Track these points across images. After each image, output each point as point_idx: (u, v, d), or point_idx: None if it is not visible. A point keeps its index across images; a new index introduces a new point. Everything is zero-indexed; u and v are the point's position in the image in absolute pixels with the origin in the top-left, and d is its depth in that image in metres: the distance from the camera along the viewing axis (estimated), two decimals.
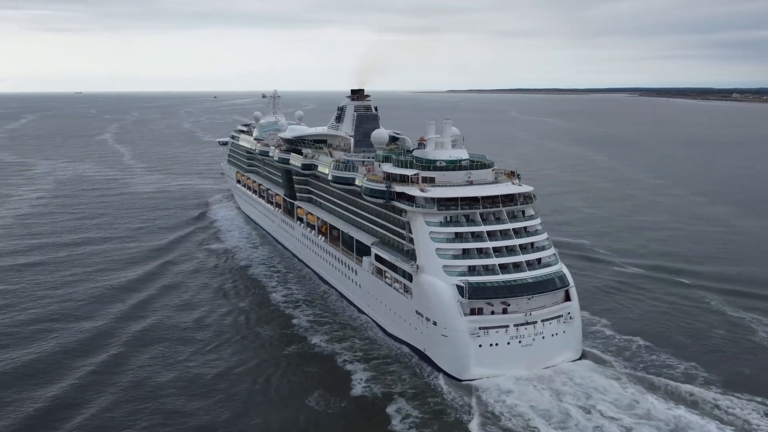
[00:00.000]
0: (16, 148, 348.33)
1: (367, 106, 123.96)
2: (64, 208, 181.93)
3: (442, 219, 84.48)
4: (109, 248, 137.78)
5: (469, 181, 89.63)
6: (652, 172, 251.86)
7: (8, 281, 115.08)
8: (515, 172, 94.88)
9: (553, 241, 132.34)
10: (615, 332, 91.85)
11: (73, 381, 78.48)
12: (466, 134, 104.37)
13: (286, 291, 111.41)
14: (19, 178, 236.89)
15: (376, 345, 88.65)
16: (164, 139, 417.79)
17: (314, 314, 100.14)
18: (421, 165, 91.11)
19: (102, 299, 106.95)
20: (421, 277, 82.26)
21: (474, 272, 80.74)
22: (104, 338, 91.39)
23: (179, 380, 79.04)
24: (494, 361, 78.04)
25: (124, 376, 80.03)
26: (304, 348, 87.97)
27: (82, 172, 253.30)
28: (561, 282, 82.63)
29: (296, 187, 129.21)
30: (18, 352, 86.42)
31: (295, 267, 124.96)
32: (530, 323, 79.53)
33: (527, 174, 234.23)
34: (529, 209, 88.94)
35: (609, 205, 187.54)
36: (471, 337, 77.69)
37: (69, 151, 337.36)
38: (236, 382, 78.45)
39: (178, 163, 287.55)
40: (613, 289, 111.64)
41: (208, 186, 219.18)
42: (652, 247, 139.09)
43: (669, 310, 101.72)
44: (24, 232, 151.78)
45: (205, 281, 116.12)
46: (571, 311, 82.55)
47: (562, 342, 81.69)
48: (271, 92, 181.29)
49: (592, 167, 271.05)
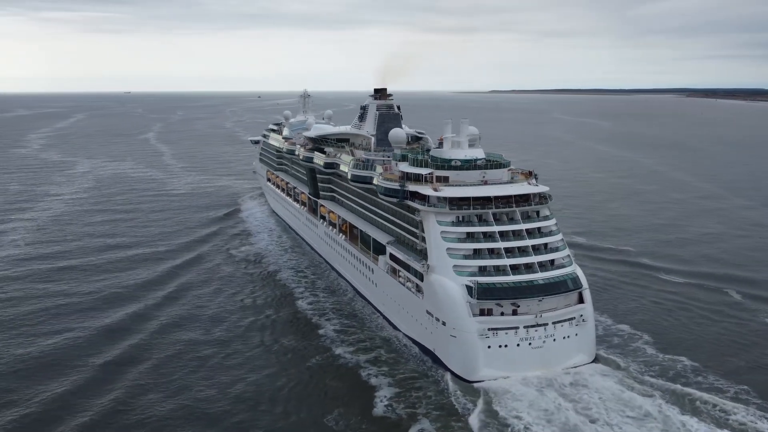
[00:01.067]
0: (62, 147, 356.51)
1: (390, 105, 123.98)
2: (98, 206, 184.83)
3: (453, 219, 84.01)
4: (137, 247, 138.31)
5: (484, 180, 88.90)
6: (701, 175, 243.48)
7: (19, 278, 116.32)
8: (533, 173, 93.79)
9: (595, 247, 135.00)
10: (656, 349, 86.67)
11: (76, 391, 76.59)
12: (505, 135, 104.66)
13: (314, 298, 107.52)
14: (60, 177, 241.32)
15: (402, 358, 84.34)
16: (206, 138, 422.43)
17: (341, 324, 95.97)
18: (436, 164, 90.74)
19: (121, 298, 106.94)
20: (431, 276, 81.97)
21: (484, 273, 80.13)
22: (119, 340, 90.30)
23: (195, 387, 76.99)
24: (504, 363, 77.31)
25: (137, 380, 78.41)
26: (328, 360, 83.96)
27: (122, 171, 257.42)
28: (573, 284, 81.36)
29: (320, 185, 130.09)
30: (20, 349, 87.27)
31: (323, 273, 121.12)
32: (541, 325, 78.55)
33: (570, 177, 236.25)
34: (544, 210, 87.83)
35: (657, 210, 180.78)
36: (480, 338, 77.09)
37: (112, 149, 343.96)
38: (255, 394, 75.45)
39: (217, 162, 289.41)
40: (650, 296, 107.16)
41: (243, 186, 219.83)
42: (700, 253, 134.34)
43: (708, 320, 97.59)
44: (54, 229, 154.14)
45: (229, 286, 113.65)
46: (584, 314, 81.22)
47: (574, 345, 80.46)
48: (312, 92, 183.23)
49: (638, 170, 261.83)
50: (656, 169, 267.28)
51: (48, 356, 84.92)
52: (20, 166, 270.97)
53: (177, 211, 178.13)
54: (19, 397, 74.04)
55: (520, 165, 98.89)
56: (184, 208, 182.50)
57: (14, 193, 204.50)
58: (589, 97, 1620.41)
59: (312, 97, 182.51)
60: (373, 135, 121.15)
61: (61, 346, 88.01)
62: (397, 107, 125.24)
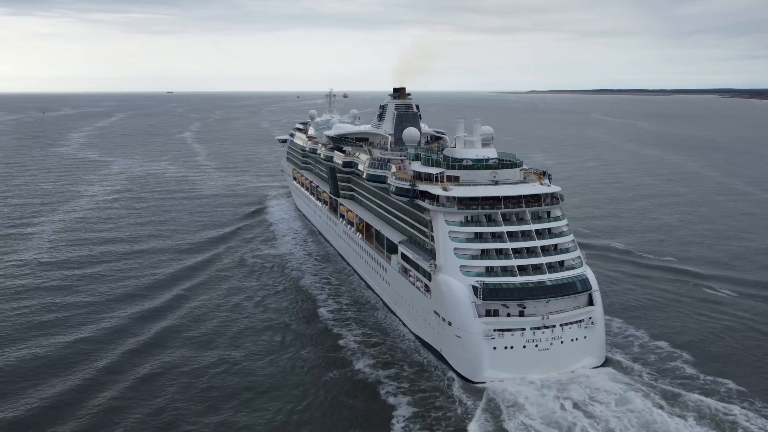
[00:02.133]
0: (100, 146, 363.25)
1: (408, 105, 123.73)
2: (127, 206, 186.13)
3: (462, 218, 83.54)
4: (161, 248, 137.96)
5: (495, 180, 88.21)
6: (749, 180, 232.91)
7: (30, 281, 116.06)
8: (546, 172, 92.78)
9: (634, 252, 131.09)
10: (676, 358, 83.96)
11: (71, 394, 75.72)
12: (542, 136, 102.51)
13: (336, 306, 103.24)
14: (94, 176, 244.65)
15: (426, 372, 79.82)
16: (242, 138, 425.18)
17: (363, 334, 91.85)
18: (447, 164, 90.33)
19: (145, 298, 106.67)
20: (438, 276, 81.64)
21: (492, 273, 79.50)
22: (128, 342, 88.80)
23: (203, 398, 74.47)
24: (509, 364, 76.58)
25: (141, 390, 76.40)
26: (347, 374, 79.54)
27: (155, 171, 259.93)
28: (582, 286, 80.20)
29: (339, 184, 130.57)
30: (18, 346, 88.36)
31: (347, 280, 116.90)
32: (548, 327, 77.63)
33: (607, 181, 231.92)
34: (556, 210, 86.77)
35: (703, 217, 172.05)
36: (485, 339, 76.49)
37: (149, 149, 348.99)
38: (268, 411, 71.86)
39: (250, 162, 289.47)
40: (690, 308, 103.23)
41: (273, 186, 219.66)
42: (747, 259, 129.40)
43: (747, 337, 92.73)
44: (79, 230, 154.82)
45: (250, 291, 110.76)
46: (593, 316, 80.00)
47: (582, 347, 79.33)
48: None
49: (683, 174, 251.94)
50: (700, 172, 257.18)
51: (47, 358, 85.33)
52: (58, 165, 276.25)
53: (203, 212, 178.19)
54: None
55: (556, 168, 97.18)
56: (212, 207, 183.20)
57: (47, 193, 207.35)
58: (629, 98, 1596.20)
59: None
60: (391, 134, 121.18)
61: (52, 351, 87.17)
62: (416, 106, 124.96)
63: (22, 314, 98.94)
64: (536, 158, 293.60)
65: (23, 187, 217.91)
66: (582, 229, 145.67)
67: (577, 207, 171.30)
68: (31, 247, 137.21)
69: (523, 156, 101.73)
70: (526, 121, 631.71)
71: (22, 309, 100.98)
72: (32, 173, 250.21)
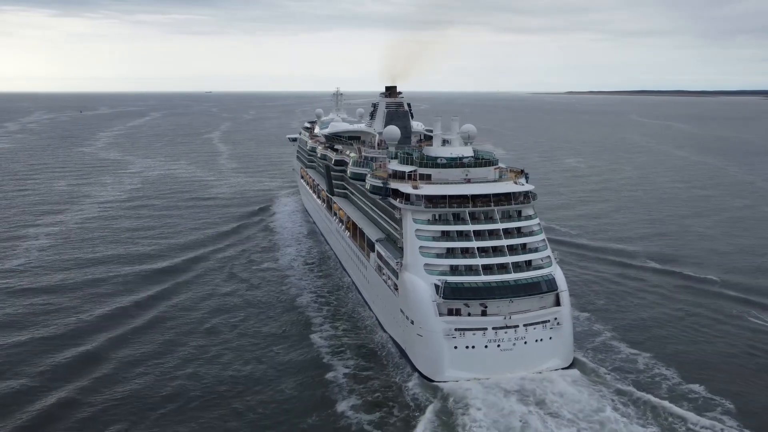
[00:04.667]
0: (124, 146, 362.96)
1: (399, 103, 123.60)
2: (132, 209, 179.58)
3: (429, 217, 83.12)
4: (155, 256, 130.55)
5: (467, 179, 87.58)
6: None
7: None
8: (523, 171, 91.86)
9: (667, 269, 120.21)
10: (647, 360, 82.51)
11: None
12: (576, 138, 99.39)
13: (332, 332, 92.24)
14: (109, 177, 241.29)
15: (415, 413, 70.25)
16: (268, 138, 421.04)
17: (356, 366, 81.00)
18: (421, 162, 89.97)
19: (122, 314, 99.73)
20: (404, 275, 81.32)
21: (456, 272, 78.90)
22: (90, 370, 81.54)
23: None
24: (471, 364, 75.92)
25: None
26: (329, 419, 69.64)
27: (171, 172, 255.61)
28: (548, 286, 79.03)
29: (333, 183, 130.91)
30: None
31: (347, 302, 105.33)
32: (511, 327, 76.74)
33: (643, 185, 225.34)
34: (528, 209, 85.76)
35: (747, 228, 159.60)
36: (446, 338, 75.95)
37: (172, 149, 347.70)
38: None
39: (270, 164, 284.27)
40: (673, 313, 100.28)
41: (284, 186, 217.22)
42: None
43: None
44: (76, 234, 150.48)
45: (240, 311, 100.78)
46: (559, 317, 78.84)
47: (548, 348, 78.26)
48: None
49: (725, 180, 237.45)
50: (745, 179, 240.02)
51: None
52: (77, 166, 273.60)
53: (208, 214, 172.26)
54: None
55: (587, 172, 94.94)
56: (217, 210, 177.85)
57: (57, 193, 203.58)
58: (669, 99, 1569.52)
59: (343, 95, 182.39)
60: (380, 133, 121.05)
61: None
62: (408, 105, 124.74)
63: None
64: (568, 162, 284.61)
65: (33, 188, 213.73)
66: (595, 233, 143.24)
67: (595, 215, 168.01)
68: (16, 255, 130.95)
69: (554, 159, 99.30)
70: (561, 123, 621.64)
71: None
72: (48, 174, 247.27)
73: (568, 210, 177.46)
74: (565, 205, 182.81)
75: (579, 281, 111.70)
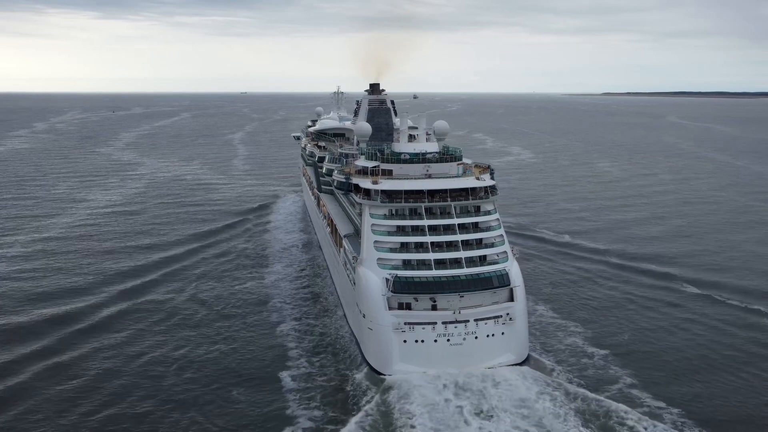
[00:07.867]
0: (143, 147, 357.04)
1: (382, 101, 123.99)
2: (127, 215, 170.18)
3: (386, 212, 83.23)
4: (143, 263, 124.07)
5: (428, 174, 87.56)
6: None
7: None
8: (489, 167, 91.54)
9: (705, 283, 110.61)
10: (607, 362, 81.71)
11: None
12: (611, 140, 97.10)
13: (308, 370, 78.94)
14: (115, 179, 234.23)
15: (356, 405, 68.97)
16: (290, 139, 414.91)
17: (324, 417, 68.40)
18: (384, 158, 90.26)
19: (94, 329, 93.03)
20: (359, 269, 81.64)
21: (408, 267, 78.96)
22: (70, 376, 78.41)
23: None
24: (420, 359, 75.92)
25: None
26: (267, 405, 69.61)
27: (180, 175, 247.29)
28: (500, 281, 78.57)
29: (320, 179, 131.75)
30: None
31: (332, 331, 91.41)
32: (461, 322, 76.49)
33: (678, 191, 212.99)
34: (487, 204, 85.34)
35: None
36: (395, 332, 76.05)
37: (188, 151, 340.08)
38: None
39: (285, 167, 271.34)
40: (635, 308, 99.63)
41: (290, 189, 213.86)
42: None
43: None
44: (69, 233, 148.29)
45: (210, 345, 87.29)
46: (512, 312, 78.35)
47: (499, 344, 77.84)
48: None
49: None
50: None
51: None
52: (87, 167, 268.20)
53: (203, 220, 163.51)
54: None
55: (618, 176, 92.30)
56: (214, 215, 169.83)
57: (52, 199, 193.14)
58: (709, 101, 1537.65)
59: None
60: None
61: None
62: (391, 102, 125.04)
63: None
64: (601, 165, 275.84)
65: (30, 193, 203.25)
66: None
67: (621, 224, 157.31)
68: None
69: (584, 162, 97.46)
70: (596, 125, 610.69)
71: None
72: (54, 176, 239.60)
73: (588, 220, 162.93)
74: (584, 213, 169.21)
75: (563, 282, 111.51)
